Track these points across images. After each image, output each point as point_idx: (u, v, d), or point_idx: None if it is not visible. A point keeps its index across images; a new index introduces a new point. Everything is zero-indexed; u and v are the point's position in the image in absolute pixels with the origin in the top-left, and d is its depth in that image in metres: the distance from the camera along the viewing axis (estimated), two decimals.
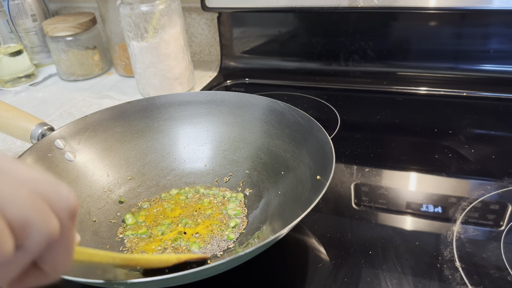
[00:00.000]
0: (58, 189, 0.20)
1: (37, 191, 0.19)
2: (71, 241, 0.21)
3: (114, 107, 0.55)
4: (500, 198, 0.46)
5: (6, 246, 0.17)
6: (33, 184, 0.19)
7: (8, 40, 0.87)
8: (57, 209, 0.20)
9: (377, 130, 0.63)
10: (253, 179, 0.51)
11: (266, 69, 0.84)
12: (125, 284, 0.32)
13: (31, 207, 0.18)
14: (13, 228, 0.18)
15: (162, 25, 0.70)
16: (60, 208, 0.20)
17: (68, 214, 0.20)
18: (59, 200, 0.20)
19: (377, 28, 0.75)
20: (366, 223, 0.45)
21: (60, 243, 0.20)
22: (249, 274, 0.40)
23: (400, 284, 0.37)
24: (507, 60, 0.69)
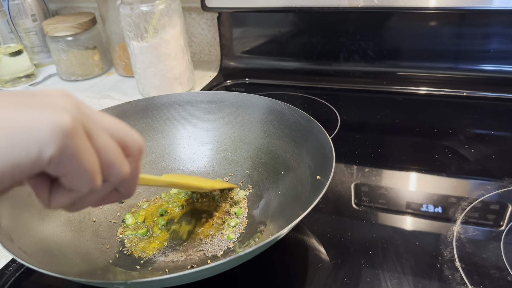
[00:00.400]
0: (132, 134, 0.27)
1: (118, 137, 0.26)
2: (139, 172, 0.29)
3: (114, 107, 0.55)
4: (500, 198, 0.46)
5: (98, 180, 0.24)
6: (117, 131, 0.26)
7: (8, 40, 0.87)
8: (131, 150, 0.27)
9: (377, 130, 0.63)
10: (253, 179, 0.51)
11: (266, 69, 0.84)
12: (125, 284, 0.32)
13: (116, 154, 0.25)
14: (102, 168, 0.25)
15: (162, 25, 0.70)
16: (133, 148, 0.27)
17: (138, 151, 0.28)
18: (133, 142, 0.27)
19: (377, 28, 0.75)
20: (366, 223, 0.45)
21: (131, 175, 0.28)
22: (249, 274, 0.40)
23: (400, 284, 0.37)
24: (507, 60, 0.69)
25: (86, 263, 0.40)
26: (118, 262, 0.42)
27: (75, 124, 0.22)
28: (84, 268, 0.40)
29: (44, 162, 0.21)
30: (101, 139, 0.24)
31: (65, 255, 0.40)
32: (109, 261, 0.42)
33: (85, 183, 0.24)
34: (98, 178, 0.24)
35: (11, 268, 0.43)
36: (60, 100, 0.23)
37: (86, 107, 0.25)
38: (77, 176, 0.23)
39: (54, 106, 0.22)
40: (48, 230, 0.41)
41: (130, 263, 0.42)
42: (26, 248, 0.36)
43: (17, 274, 0.43)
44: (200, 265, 0.41)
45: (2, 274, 0.43)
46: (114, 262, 0.42)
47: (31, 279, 0.42)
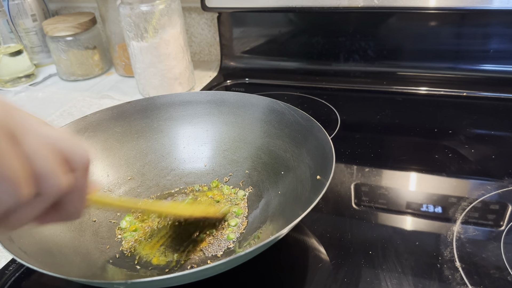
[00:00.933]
0: (76, 145, 0.24)
1: (59, 148, 0.23)
2: (85, 189, 0.26)
3: (114, 107, 0.55)
4: (500, 198, 0.46)
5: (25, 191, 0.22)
6: (56, 141, 0.23)
7: (8, 40, 0.87)
8: (74, 162, 0.24)
9: (377, 130, 0.63)
10: (253, 179, 0.51)
11: (266, 69, 0.84)
12: (125, 284, 0.32)
13: (51, 162, 0.23)
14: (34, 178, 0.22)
15: (162, 25, 0.70)
16: (77, 161, 0.24)
17: (84, 166, 0.25)
18: (76, 155, 0.24)
19: (377, 28, 0.75)
20: (366, 223, 0.45)
21: (75, 191, 0.25)
22: (249, 274, 0.40)
23: (400, 284, 0.37)
24: (507, 60, 0.69)
25: (86, 263, 0.40)
26: (118, 262, 0.42)
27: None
28: (84, 268, 0.40)
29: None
30: (31, 145, 0.22)
31: (65, 255, 0.40)
32: (109, 261, 0.42)
33: (8, 193, 0.21)
34: (22, 188, 0.21)
35: (11, 268, 0.43)
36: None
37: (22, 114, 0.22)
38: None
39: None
40: (48, 230, 0.41)
41: (130, 263, 0.42)
42: (26, 248, 0.36)
43: (17, 274, 0.43)
44: (200, 265, 0.41)
45: (2, 274, 0.43)
46: (114, 262, 0.42)
47: (31, 279, 0.42)
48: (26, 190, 0.22)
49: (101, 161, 0.52)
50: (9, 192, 0.21)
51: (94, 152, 0.52)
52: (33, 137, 0.22)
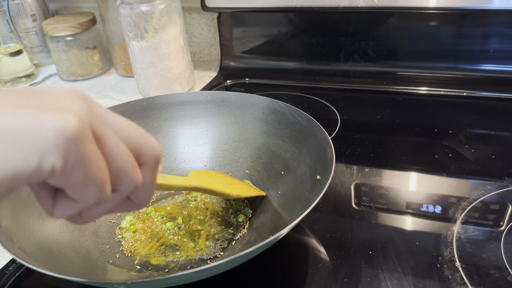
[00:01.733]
0: (150, 141, 0.25)
1: (135, 142, 0.24)
2: (154, 181, 0.26)
3: (114, 107, 0.55)
4: (500, 198, 0.46)
5: (107, 190, 0.22)
6: (132, 136, 0.24)
7: (8, 40, 0.87)
8: (146, 158, 0.25)
9: (377, 130, 0.63)
10: (253, 179, 0.51)
11: (266, 69, 0.84)
12: (125, 284, 0.32)
13: (127, 161, 0.23)
14: (112, 176, 0.23)
15: (162, 25, 0.70)
16: (149, 157, 0.25)
17: (154, 160, 0.25)
18: (148, 149, 0.25)
19: (377, 28, 0.75)
20: (366, 223, 0.45)
21: (145, 183, 0.25)
22: (249, 274, 0.40)
23: (400, 284, 0.37)
24: (507, 60, 0.69)
25: (86, 263, 0.40)
26: (118, 262, 0.42)
27: (83, 128, 0.20)
28: (84, 268, 0.40)
29: (45, 173, 0.19)
30: (113, 145, 0.22)
31: (65, 255, 0.40)
32: (109, 261, 0.42)
33: (92, 194, 0.22)
34: (107, 188, 0.22)
35: (11, 268, 0.43)
36: (68, 100, 0.21)
37: (100, 107, 0.23)
38: (83, 187, 0.21)
39: (60, 107, 0.20)
40: (48, 230, 0.41)
41: (130, 263, 0.42)
42: (26, 248, 0.36)
43: (17, 274, 0.43)
44: (200, 265, 0.41)
45: (2, 274, 0.43)
46: (114, 262, 0.42)
47: (31, 279, 0.42)
48: (109, 190, 0.22)
49: None
50: (93, 193, 0.22)
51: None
52: (113, 137, 0.22)
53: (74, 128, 0.19)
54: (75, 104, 0.21)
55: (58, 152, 0.19)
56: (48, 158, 0.19)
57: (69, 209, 0.23)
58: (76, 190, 0.21)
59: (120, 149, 0.23)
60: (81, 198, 0.22)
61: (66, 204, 0.22)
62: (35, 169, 0.19)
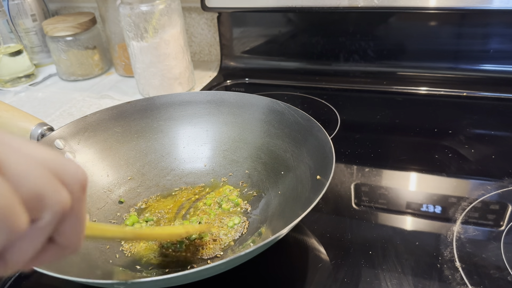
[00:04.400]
0: (67, 164, 0.21)
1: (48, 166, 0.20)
2: (83, 212, 0.22)
3: (114, 107, 0.55)
4: (500, 198, 0.46)
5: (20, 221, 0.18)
6: (43, 160, 0.20)
7: (8, 40, 0.87)
8: (67, 183, 0.20)
9: (377, 130, 0.63)
10: (253, 179, 0.51)
11: (266, 69, 0.84)
12: (125, 284, 0.32)
13: (43, 180, 0.19)
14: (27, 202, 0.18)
15: (162, 25, 0.70)
16: (70, 181, 0.21)
17: (79, 186, 0.21)
18: (69, 173, 0.21)
19: (377, 28, 0.75)
20: (366, 223, 0.45)
21: (73, 215, 0.21)
22: (249, 274, 0.40)
23: (400, 284, 0.37)
24: (507, 60, 0.69)
25: (86, 263, 0.40)
26: (118, 262, 0.42)
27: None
28: (84, 268, 0.40)
29: None
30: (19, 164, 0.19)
31: None
32: (109, 261, 0.42)
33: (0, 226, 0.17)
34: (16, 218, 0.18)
35: None
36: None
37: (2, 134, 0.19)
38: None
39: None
40: None
41: (130, 263, 0.42)
42: None
43: (17, 274, 0.43)
44: (200, 265, 0.41)
45: None
46: (114, 262, 0.42)
47: (31, 279, 0.42)
48: (21, 218, 0.18)
49: (101, 161, 0.52)
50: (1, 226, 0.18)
51: (94, 152, 0.52)
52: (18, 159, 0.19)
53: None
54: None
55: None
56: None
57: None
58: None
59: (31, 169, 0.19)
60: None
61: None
62: None
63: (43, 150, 0.20)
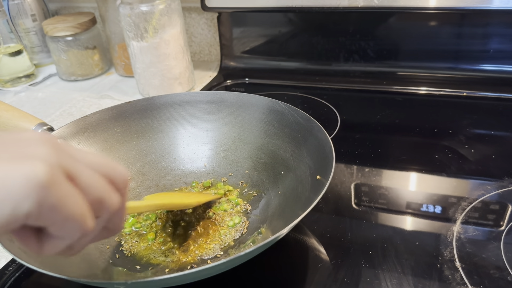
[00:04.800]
0: (115, 167, 0.26)
1: (103, 172, 0.25)
2: (125, 205, 0.28)
3: (114, 107, 0.55)
4: (500, 198, 0.46)
5: (90, 223, 0.23)
6: (99, 167, 0.25)
7: (8, 40, 0.87)
8: (117, 183, 0.26)
9: (377, 130, 0.63)
10: (253, 179, 0.51)
11: (266, 69, 0.84)
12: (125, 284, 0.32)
13: (103, 187, 0.25)
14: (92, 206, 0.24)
15: (162, 25, 0.70)
16: (119, 181, 0.26)
17: (124, 185, 0.27)
18: (117, 176, 0.26)
19: (377, 28, 0.75)
20: (366, 223, 0.45)
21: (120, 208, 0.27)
22: (249, 274, 0.40)
23: (400, 284, 0.37)
24: (507, 60, 0.69)
25: (86, 263, 0.40)
26: (118, 262, 0.42)
27: (53, 173, 0.21)
28: (84, 268, 0.40)
29: (20, 219, 0.20)
30: (86, 176, 0.23)
31: None
32: (109, 261, 0.42)
33: (75, 230, 0.23)
34: (88, 220, 0.23)
35: (11, 268, 0.43)
36: (35, 147, 0.21)
37: (67, 147, 0.24)
38: (64, 225, 0.22)
39: (28, 155, 0.21)
40: None
41: (130, 263, 0.42)
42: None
43: (17, 274, 0.43)
44: (200, 265, 0.41)
45: (2, 274, 0.43)
46: (114, 262, 0.42)
47: (31, 279, 0.42)
48: (91, 222, 0.23)
49: None
50: (76, 229, 0.23)
51: (94, 152, 0.52)
52: (85, 170, 0.24)
53: (43, 174, 0.20)
54: (41, 150, 0.21)
55: (30, 199, 0.20)
56: (21, 206, 0.20)
57: (57, 246, 0.24)
58: (58, 228, 0.22)
59: (94, 179, 0.24)
60: (64, 235, 0.23)
61: (53, 242, 0.23)
62: (9, 217, 0.20)
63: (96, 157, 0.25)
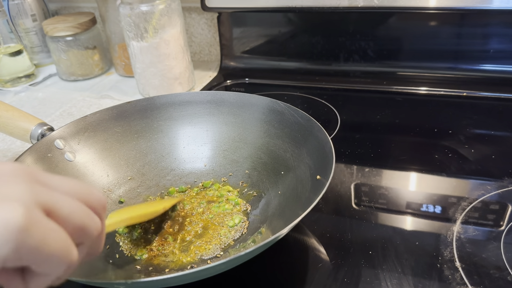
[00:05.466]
0: (93, 193, 0.26)
1: (81, 198, 0.25)
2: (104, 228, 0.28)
3: (114, 107, 0.55)
4: (500, 198, 0.46)
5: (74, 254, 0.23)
6: (77, 194, 0.25)
7: (8, 40, 0.87)
8: (95, 207, 0.26)
9: (377, 130, 0.63)
10: (253, 179, 0.51)
11: (266, 69, 0.84)
12: (125, 284, 0.32)
13: (83, 214, 0.24)
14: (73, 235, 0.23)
15: (162, 25, 0.70)
16: (97, 206, 0.26)
17: (102, 208, 0.27)
18: (95, 201, 0.26)
19: (377, 28, 0.75)
20: (366, 223, 0.45)
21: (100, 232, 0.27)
22: (249, 274, 0.40)
23: (400, 284, 0.37)
24: (507, 60, 0.69)
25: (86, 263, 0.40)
26: (118, 262, 0.42)
27: (30, 214, 0.20)
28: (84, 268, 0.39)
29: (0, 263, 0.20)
30: (65, 206, 0.23)
31: None
32: (109, 261, 0.42)
33: (59, 265, 0.22)
34: (72, 252, 0.23)
35: None
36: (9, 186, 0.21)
37: (41, 175, 0.24)
38: (47, 262, 0.21)
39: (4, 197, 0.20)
40: None
41: (130, 263, 0.42)
42: None
43: None
44: (200, 265, 0.41)
45: None
46: (114, 262, 0.42)
47: None
48: (75, 253, 0.23)
49: (101, 161, 0.52)
50: (61, 263, 0.22)
51: (94, 152, 0.52)
52: (62, 199, 0.23)
53: (20, 217, 0.20)
54: (15, 188, 0.21)
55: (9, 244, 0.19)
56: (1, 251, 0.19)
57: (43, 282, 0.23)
58: (41, 266, 0.22)
59: (73, 207, 0.24)
60: (49, 271, 0.22)
61: (39, 279, 0.23)
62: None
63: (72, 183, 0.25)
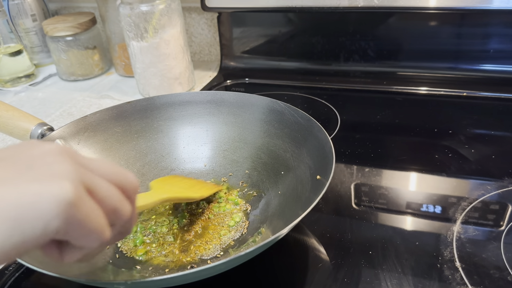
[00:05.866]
0: (128, 176, 0.28)
1: (116, 181, 0.26)
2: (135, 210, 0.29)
3: (114, 107, 0.55)
4: (500, 198, 0.46)
5: (107, 233, 0.25)
6: (112, 177, 0.26)
7: (8, 40, 0.87)
8: (128, 191, 0.27)
9: (377, 130, 0.63)
10: (253, 179, 0.51)
11: (266, 69, 0.84)
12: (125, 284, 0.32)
13: (116, 198, 0.26)
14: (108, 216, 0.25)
15: (162, 25, 0.70)
16: (130, 190, 0.28)
17: (134, 192, 0.28)
18: (129, 185, 0.28)
19: (377, 28, 0.75)
20: (366, 223, 0.45)
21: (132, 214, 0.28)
22: (249, 274, 0.40)
23: (400, 284, 0.37)
24: (507, 60, 0.69)
25: (86, 263, 0.40)
26: (118, 262, 0.42)
27: (77, 190, 0.22)
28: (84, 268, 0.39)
29: (50, 235, 0.21)
30: (103, 189, 0.25)
31: None
32: (109, 261, 0.42)
33: (95, 241, 0.24)
34: (106, 231, 0.25)
35: (11, 268, 0.43)
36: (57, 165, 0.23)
37: (82, 158, 0.25)
38: (85, 237, 0.24)
39: (53, 174, 0.22)
40: None
41: (130, 263, 0.42)
42: None
43: (17, 274, 0.43)
44: (200, 265, 0.41)
45: (2, 274, 0.43)
46: (114, 262, 0.42)
47: (31, 279, 0.42)
48: (108, 232, 0.25)
49: None
50: (96, 240, 0.24)
51: (94, 152, 0.52)
52: (101, 182, 0.25)
53: (71, 193, 0.22)
54: (63, 167, 0.23)
55: (60, 217, 0.21)
56: (51, 224, 0.21)
57: (76, 255, 0.25)
58: (80, 240, 0.24)
59: (109, 191, 0.25)
60: (85, 245, 0.24)
61: (74, 252, 0.25)
62: (41, 234, 0.21)
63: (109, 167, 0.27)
